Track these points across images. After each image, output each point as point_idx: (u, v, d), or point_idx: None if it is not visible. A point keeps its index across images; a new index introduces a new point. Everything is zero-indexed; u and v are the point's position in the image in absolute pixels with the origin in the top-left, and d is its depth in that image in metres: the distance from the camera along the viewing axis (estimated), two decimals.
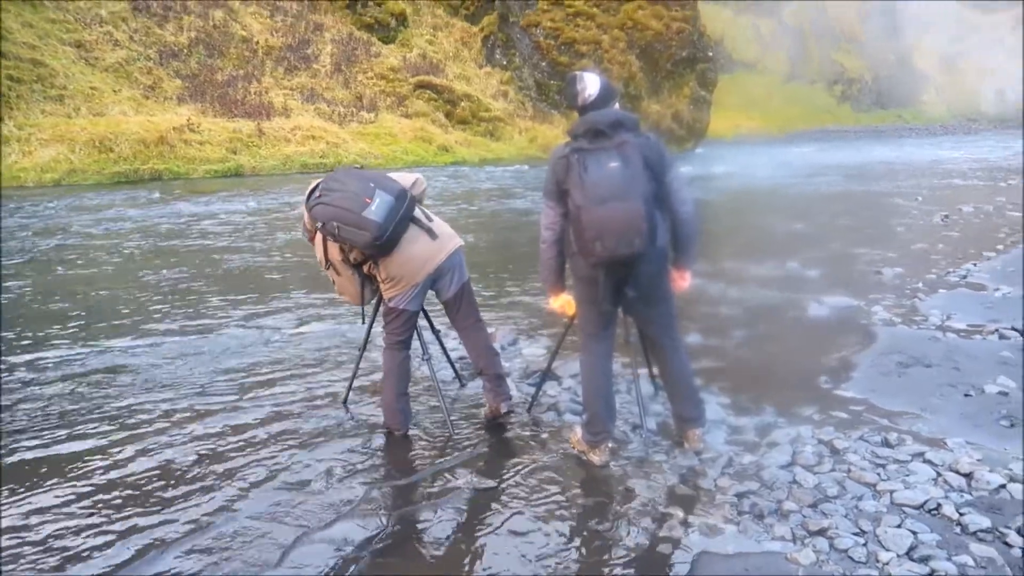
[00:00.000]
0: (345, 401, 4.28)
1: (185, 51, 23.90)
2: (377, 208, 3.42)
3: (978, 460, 3.45)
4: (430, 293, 3.85)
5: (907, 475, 3.35)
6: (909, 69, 60.96)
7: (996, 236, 9.71)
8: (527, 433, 3.93)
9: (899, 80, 59.89)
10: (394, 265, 3.61)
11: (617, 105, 3.36)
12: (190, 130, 19.29)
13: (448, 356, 4.53)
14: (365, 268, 3.74)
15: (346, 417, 4.13)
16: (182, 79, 22.87)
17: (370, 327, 4.16)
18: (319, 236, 3.73)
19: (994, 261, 8.08)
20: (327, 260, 3.77)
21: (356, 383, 4.36)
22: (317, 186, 3.66)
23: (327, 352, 5.26)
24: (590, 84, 3.27)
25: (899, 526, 2.95)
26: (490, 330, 5.60)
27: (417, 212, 3.70)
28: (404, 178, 3.84)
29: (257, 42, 26.20)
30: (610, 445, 3.60)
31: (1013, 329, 5.48)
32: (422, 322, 4.05)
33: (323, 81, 26.30)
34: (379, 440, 3.86)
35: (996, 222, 11.05)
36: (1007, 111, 59.00)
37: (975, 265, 7.86)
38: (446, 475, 3.49)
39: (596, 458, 3.53)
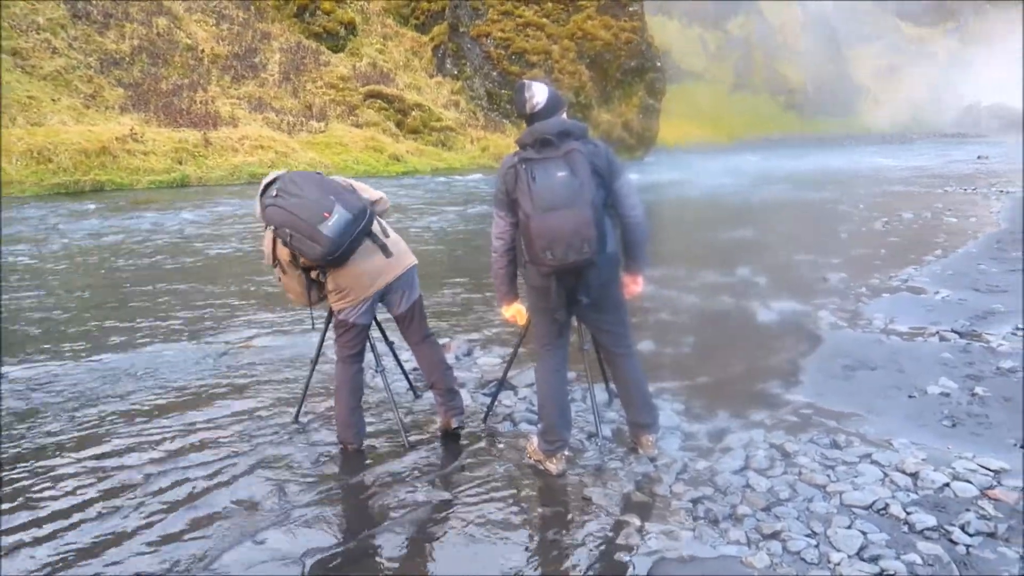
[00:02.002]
0: (297, 416, 4.20)
1: (127, 59, 23.33)
2: (334, 224, 3.35)
3: (923, 460, 3.54)
4: (381, 305, 3.80)
5: (855, 476, 3.42)
6: (849, 80, 62.84)
7: (935, 241, 10.05)
8: (483, 444, 3.90)
9: (840, 90, 61.68)
10: (344, 278, 3.56)
11: (565, 114, 3.37)
12: (133, 140, 18.80)
13: (402, 368, 4.48)
14: (313, 274, 3.65)
15: (298, 432, 4.05)
16: (124, 88, 22.30)
17: (322, 341, 4.09)
18: (269, 233, 3.60)
19: (933, 265, 8.35)
20: (275, 259, 3.64)
21: (308, 397, 4.28)
22: (273, 181, 3.54)
23: (279, 366, 5.16)
24: (537, 93, 3.28)
25: (849, 527, 3.00)
26: (445, 340, 5.59)
27: (375, 226, 3.65)
28: (369, 192, 3.76)
29: (202, 50, 25.73)
30: (566, 454, 3.59)
31: (953, 331, 5.66)
32: (375, 334, 4.00)
33: (271, 90, 25.94)
34: (333, 455, 3.79)
35: (934, 228, 11.44)
36: (942, 122, 61.25)
37: (916, 269, 8.11)
38: (401, 488, 3.44)
39: (552, 467, 3.53)
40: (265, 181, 3.59)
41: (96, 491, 3.42)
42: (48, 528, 3.11)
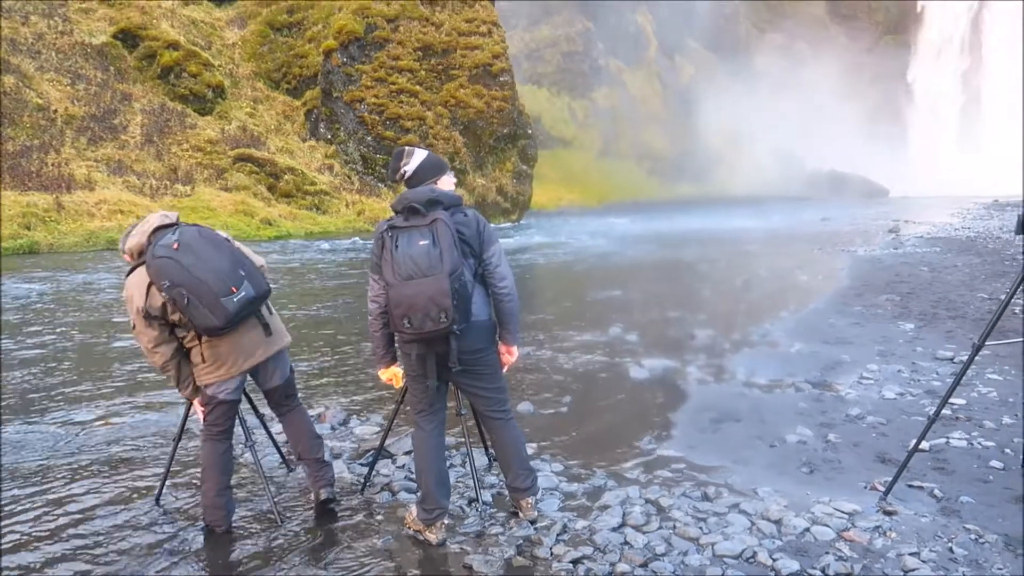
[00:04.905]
0: (159, 497, 3.92)
1: None
2: (239, 300, 3.24)
3: (785, 506, 3.73)
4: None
5: (725, 527, 3.55)
6: (706, 148, 67.29)
7: (787, 297, 10.79)
8: (360, 516, 3.78)
9: (698, 158, 65.93)
10: (221, 347, 3.40)
11: (447, 177, 3.44)
12: None
13: (274, 441, 4.30)
14: (182, 333, 3.42)
15: (160, 515, 3.78)
16: None
17: (185, 416, 3.87)
18: (141, 278, 3.32)
19: (788, 320, 8.95)
20: (144, 308, 3.32)
21: (171, 477, 4.01)
22: (166, 227, 3.35)
23: (137, 445, 4.82)
24: (413, 160, 3.34)
25: None
26: (320, 409, 5.42)
27: None
28: (254, 257, 3.63)
29: (55, 110, 24.42)
30: (446, 522, 3.53)
31: (807, 382, 6.06)
32: (245, 406, 3.83)
33: (132, 152, 24.88)
34: (198, 538, 3.55)
35: (787, 285, 12.31)
36: (789, 186, 66.37)
37: (772, 324, 8.66)
38: (273, 569, 3.26)
39: (432, 536, 3.46)
40: (152, 225, 3.37)
41: None
42: None
